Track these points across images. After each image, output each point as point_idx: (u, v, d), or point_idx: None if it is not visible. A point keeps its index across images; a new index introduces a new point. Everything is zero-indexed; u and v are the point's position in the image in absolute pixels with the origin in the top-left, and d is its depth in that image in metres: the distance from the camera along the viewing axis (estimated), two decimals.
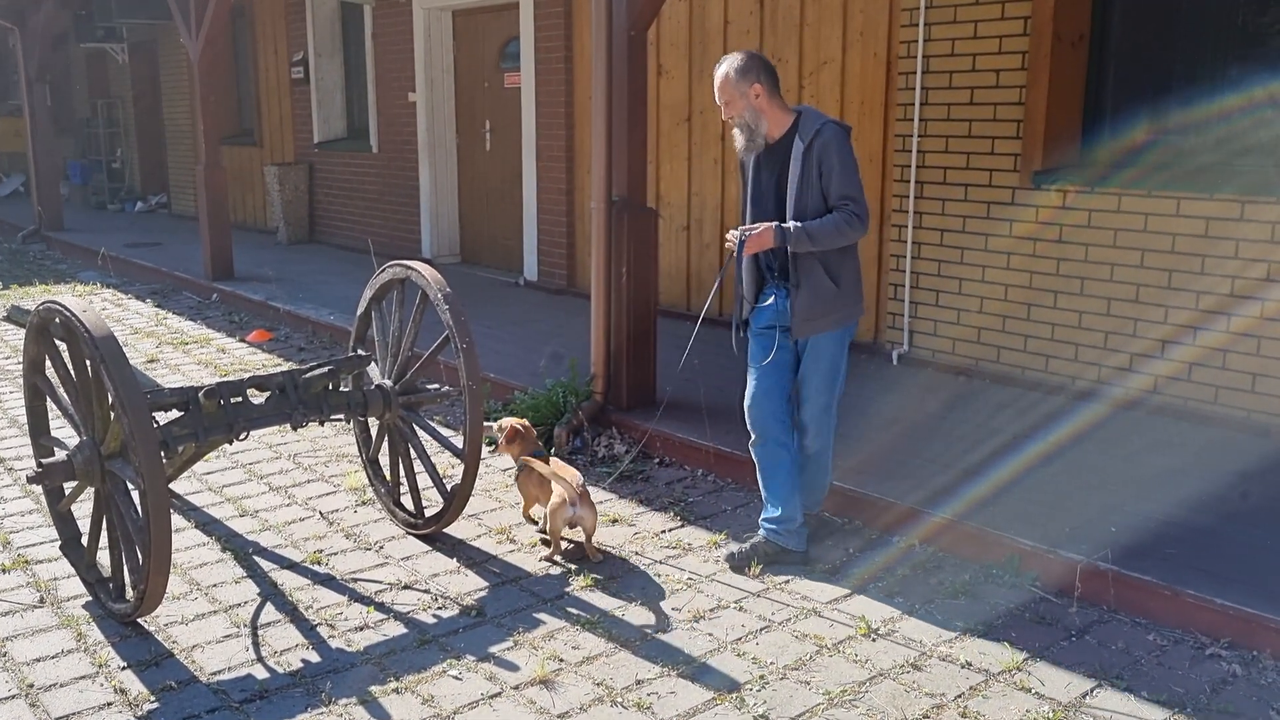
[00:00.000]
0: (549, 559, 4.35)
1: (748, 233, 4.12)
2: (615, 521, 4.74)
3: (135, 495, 3.71)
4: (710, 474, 5.27)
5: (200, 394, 3.96)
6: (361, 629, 3.79)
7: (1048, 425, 5.52)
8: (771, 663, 3.55)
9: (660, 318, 6.07)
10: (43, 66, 14.37)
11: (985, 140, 6.22)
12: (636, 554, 4.40)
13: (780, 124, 4.18)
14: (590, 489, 5.05)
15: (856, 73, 6.90)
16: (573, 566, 4.28)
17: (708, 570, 4.23)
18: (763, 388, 4.28)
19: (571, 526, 4.33)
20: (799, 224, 4.05)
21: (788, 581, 4.14)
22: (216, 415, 4.02)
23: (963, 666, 3.52)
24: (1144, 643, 3.67)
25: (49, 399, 4.09)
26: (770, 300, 4.26)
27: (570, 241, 9.29)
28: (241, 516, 4.84)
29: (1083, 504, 4.49)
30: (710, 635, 3.73)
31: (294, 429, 4.25)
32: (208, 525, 4.73)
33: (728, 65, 4.14)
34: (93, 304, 10.06)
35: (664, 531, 4.63)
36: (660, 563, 4.31)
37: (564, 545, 4.41)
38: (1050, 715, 3.23)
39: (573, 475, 4.30)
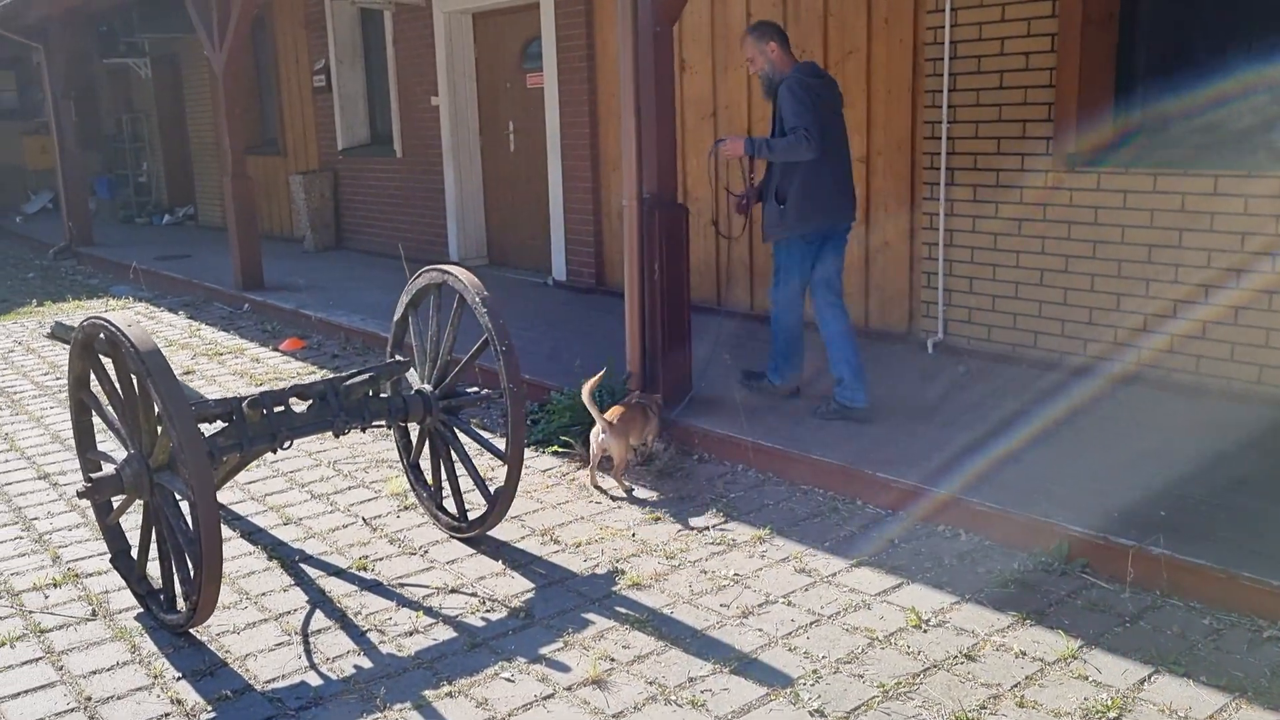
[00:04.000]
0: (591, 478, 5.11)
1: (723, 141, 5.60)
2: (658, 520, 4.73)
3: (183, 506, 3.73)
4: (751, 469, 5.26)
5: (244, 404, 3.97)
6: (411, 634, 3.80)
7: (1090, 409, 5.48)
8: (823, 656, 3.54)
9: (691, 313, 6.05)
10: (68, 83, 14.51)
11: (1016, 124, 6.17)
12: (681, 551, 4.39)
13: (786, 72, 5.44)
14: (631, 486, 5.08)
15: (883, 61, 6.86)
16: (621, 568, 4.27)
17: (754, 566, 4.22)
18: None
19: (603, 452, 5.02)
20: (762, 138, 5.45)
21: (835, 574, 4.12)
22: (260, 425, 4.03)
23: (1017, 656, 3.50)
24: (1199, 627, 3.63)
25: (95, 414, 4.12)
26: None
27: (598, 240, 9.29)
28: (285, 525, 4.86)
29: (1130, 488, 4.45)
30: (760, 630, 3.72)
31: (336, 436, 4.27)
32: (253, 534, 4.76)
33: (750, 31, 5.55)
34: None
35: (707, 528, 4.61)
36: (705, 559, 4.30)
37: (599, 476, 5.15)
38: (1109, 702, 3.20)
39: (612, 412, 5.12)
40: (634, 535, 4.57)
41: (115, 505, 4.14)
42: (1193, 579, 3.78)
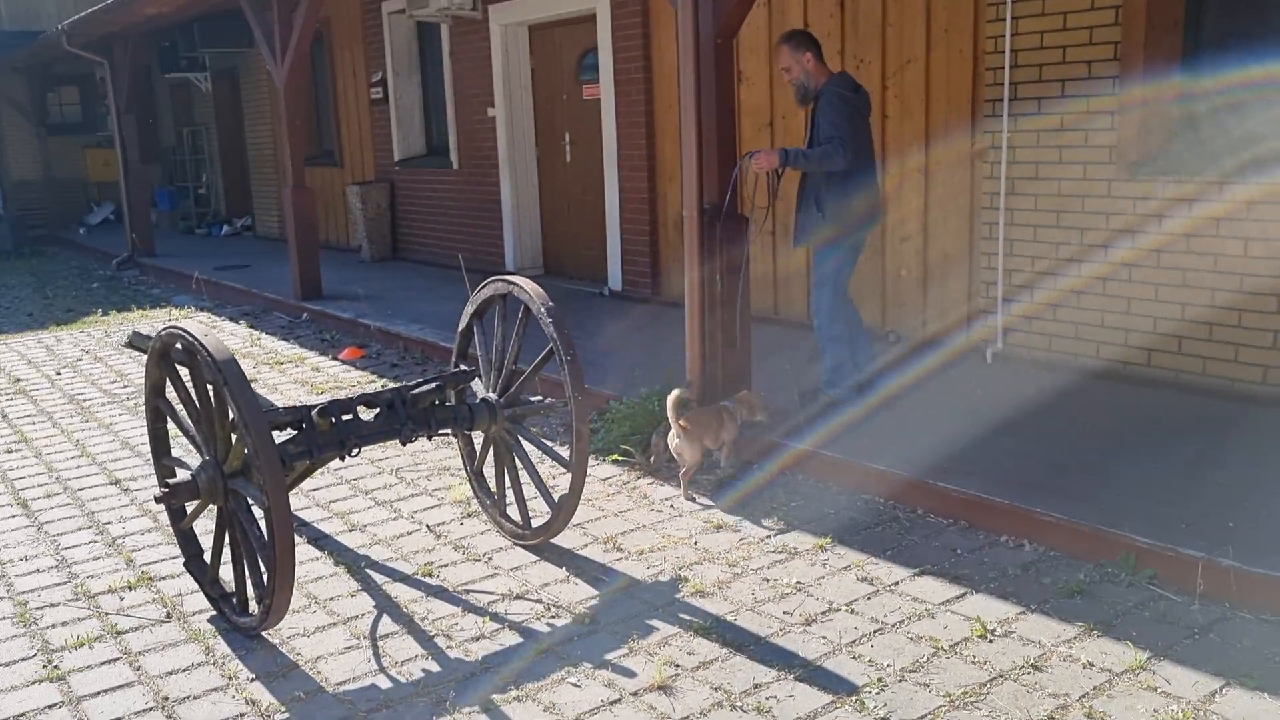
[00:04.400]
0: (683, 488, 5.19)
1: (755, 154, 5.59)
2: (719, 528, 4.75)
3: (256, 511, 3.81)
4: (811, 477, 5.26)
5: (313, 412, 4.05)
6: (478, 639, 3.85)
7: (1153, 421, 5.43)
8: (888, 665, 3.54)
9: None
10: (130, 98, 14.83)
11: (1078, 133, 6.13)
12: (743, 559, 4.41)
13: (821, 82, 5.65)
14: (694, 494, 5.11)
15: (942, 70, 6.85)
16: (683, 575, 4.30)
17: (815, 574, 4.23)
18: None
19: (676, 455, 5.13)
20: (796, 149, 5.56)
21: (897, 583, 4.12)
22: (329, 432, 4.11)
23: (1085, 666, 3.48)
24: (1273, 639, 3.58)
25: (170, 421, 4.21)
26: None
27: (654, 250, 9.32)
28: (351, 531, 4.94)
29: (1198, 499, 4.41)
30: (824, 639, 3.73)
31: (403, 444, 4.33)
32: (319, 540, 4.84)
33: (784, 41, 5.70)
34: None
35: (768, 537, 4.63)
36: (767, 567, 4.31)
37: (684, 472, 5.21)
38: (1180, 714, 3.17)
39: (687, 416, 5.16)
40: (696, 543, 4.59)
41: (189, 510, 4.24)
42: (1264, 591, 3.74)
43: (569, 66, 10.34)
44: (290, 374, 8.13)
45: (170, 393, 4.15)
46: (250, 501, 3.80)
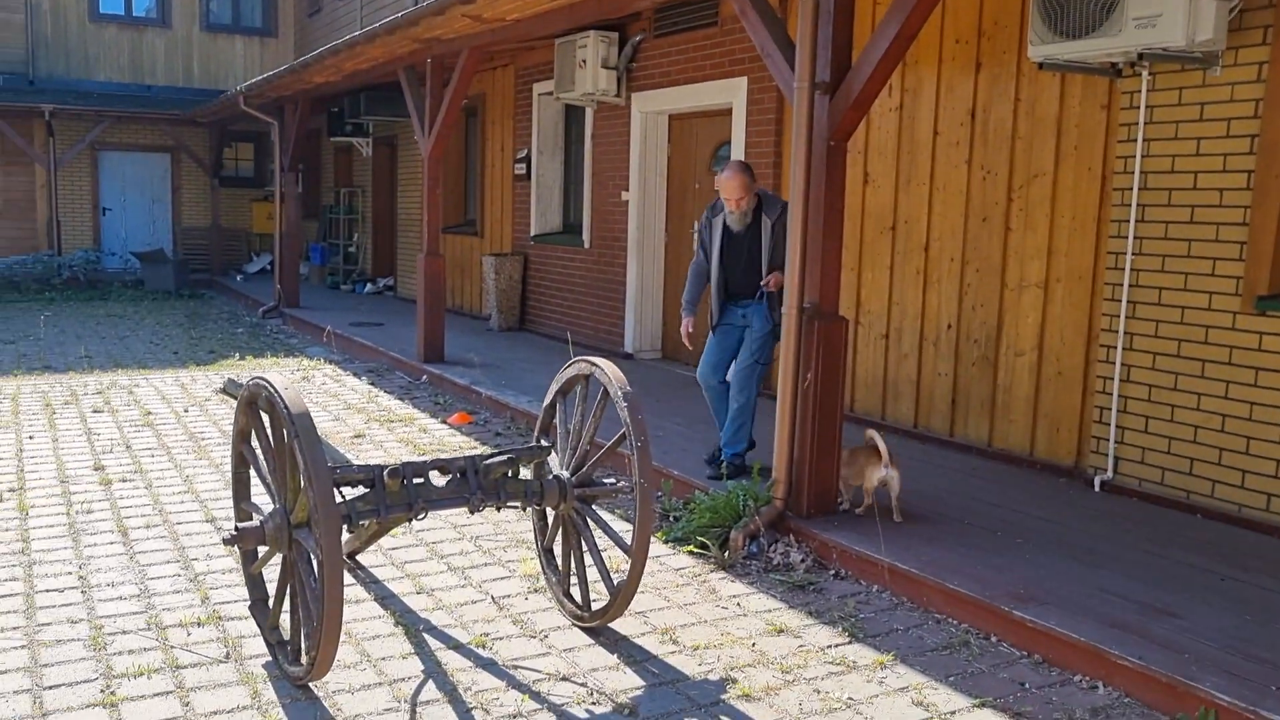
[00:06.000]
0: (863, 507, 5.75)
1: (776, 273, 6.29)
2: (781, 632, 4.64)
3: (316, 564, 3.89)
4: (885, 590, 5.10)
5: (385, 473, 4.13)
6: (515, 716, 3.82)
7: (1262, 569, 5.11)
8: None
9: (853, 424, 5.99)
10: (295, 157, 15.66)
11: (1205, 261, 5.91)
12: (798, 666, 4.28)
13: (754, 203, 6.41)
14: (761, 596, 5.01)
15: (1069, 187, 6.71)
16: (733, 676, 4.20)
17: (870, 692, 4.08)
18: (716, 359, 6.77)
19: (882, 485, 5.63)
20: None
21: (954, 713, 3.94)
22: (398, 494, 4.18)
23: None
24: None
25: (252, 467, 4.35)
26: (740, 311, 6.61)
27: None
28: (418, 594, 4.99)
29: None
30: None
31: (471, 513, 4.37)
32: (385, 599, 4.90)
33: (742, 172, 6.29)
34: (311, 378, 10.70)
35: (829, 647, 4.49)
36: (821, 679, 4.18)
37: (868, 501, 5.75)
38: None
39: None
40: (753, 645, 4.49)
41: (259, 555, 4.35)
42: None
43: (703, 157, 10.48)
44: (398, 433, 8.32)
45: (255, 440, 4.29)
46: (311, 553, 3.88)
